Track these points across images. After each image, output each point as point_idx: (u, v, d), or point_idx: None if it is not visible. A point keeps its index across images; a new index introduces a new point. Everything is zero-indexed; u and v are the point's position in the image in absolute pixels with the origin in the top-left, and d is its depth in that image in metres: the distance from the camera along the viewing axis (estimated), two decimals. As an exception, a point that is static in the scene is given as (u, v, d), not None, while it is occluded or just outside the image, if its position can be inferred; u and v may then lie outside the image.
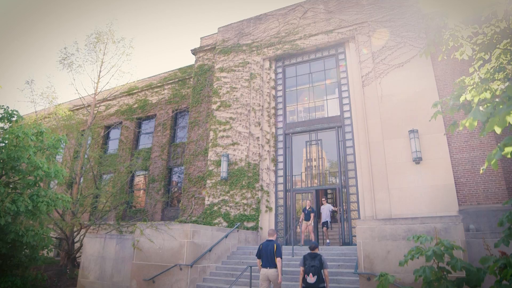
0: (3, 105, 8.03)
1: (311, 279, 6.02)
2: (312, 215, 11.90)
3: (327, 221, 12.48)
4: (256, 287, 8.74)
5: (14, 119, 8.04)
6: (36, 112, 18.46)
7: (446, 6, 4.14)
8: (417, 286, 3.40)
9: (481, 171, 3.64)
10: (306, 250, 9.55)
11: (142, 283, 9.89)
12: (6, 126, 8.10)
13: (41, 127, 8.36)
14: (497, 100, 2.78)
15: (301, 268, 6.29)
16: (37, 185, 7.87)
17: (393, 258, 7.36)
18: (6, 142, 7.36)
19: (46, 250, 9.19)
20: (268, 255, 6.64)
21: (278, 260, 6.56)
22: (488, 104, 2.55)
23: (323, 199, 13.01)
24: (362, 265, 7.57)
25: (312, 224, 11.91)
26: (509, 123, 2.16)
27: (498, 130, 2.17)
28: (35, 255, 8.35)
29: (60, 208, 8.43)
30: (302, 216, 12.18)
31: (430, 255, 2.43)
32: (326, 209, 12.63)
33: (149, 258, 10.09)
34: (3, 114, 7.98)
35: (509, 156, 2.18)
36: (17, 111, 8.06)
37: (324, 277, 6.15)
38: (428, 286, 2.47)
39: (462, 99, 3.27)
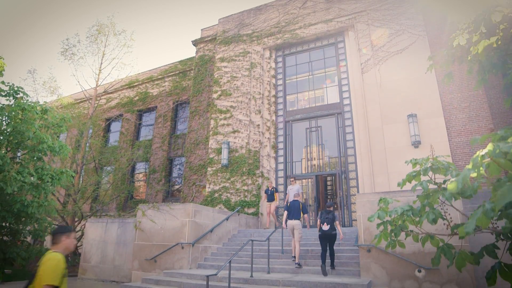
0: (8, 82, 8.16)
1: (325, 227, 7.86)
2: (276, 194, 11.66)
3: None
4: (257, 265, 8.86)
5: (19, 96, 8.15)
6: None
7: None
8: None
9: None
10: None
11: (144, 262, 9.98)
12: (12, 102, 8.20)
13: (46, 105, 8.49)
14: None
15: (319, 220, 8.14)
16: (42, 160, 7.99)
17: (393, 229, 7.47)
18: (12, 114, 7.48)
19: (50, 228, 9.26)
20: (294, 210, 8.57)
21: (305, 216, 8.75)
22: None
23: (291, 179, 11.71)
24: (362, 238, 7.68)
25: (276, 204, 11.81)
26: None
27: (483, 29, 2.30)
28: (39, 232, 8.45)
29: (64, 186, 8.51)
30: (264, 197, 11.86)
31: (427, 169, 2.56)
32: (293, 190, 11.15)
33: (151, 238, 10.18)
34: (8, 91, 8.09)
35: (495, 44, 2.29)
36: (22, 88, 8.17)
37: (336, 227, 7.96)
38: (425, 198, 2.60)
39: (455, 43, 3.39)
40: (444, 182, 2.61)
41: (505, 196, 1.26)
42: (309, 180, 13.32)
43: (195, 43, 17.81)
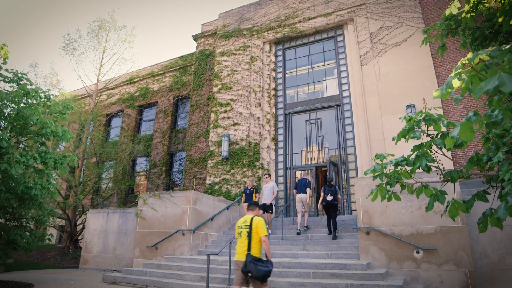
0: (12, 69, 8.27)
1: (329, 197, 9.11)
2: (256, 195, 10.63)
3: (270, 204, 10.17)
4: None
5: (22, 82, 8.25)
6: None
7: None
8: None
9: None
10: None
11: (145, 250, 10.07)
12: (15, 89, 8.30)
13: (48, 92, 8.60)
14: None
15: (322, 193, 9.36)
16: (45, 145, 8.09)
17: (391, 212, 7.58)
18: (16, 100, 7.58)
19: (52, 217, 9.36)
20: (302, 185, 9.98)
21: (308, 189, 9.93)
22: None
23: (265, 176, 10.76)
24: (361, 221, 7.78)
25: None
26: None
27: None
28: (41, 218, 8.54)
29: (66, 174, 8.59)
30: (243, 198, 10.73)
31: (419, 121, 2.66)
32: (268, 188, 10.34)
33: (152, 226, 10.28)
34: (12, 77, 8.20)
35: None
36: (25, 74, 8.27)
37: (337, 198, 9.21)
38: (419, 148, 2.70)
39: (448, 12, 3.50)
40: (437, 135, 2.72)
41: (482, 88, 1.35)
42: (309, 171, 13.41)
43: (196, 38, 17.95)
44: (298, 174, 13.61)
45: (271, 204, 10.18)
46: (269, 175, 10.82)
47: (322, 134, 13.71)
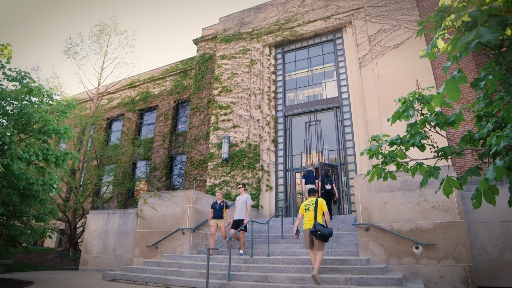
0: (15, 68, 8.39)
1: (328, 186, 10.21)
2: (227, 211, 9.27)
3: (243, 220, 8.76)
4: (257, 249, 8.97)
5: (25, 81, 8.37)
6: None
7: None
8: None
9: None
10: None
11: (145, 249, 10.08)
12: (19, 87, 8.42)
13: (51, 91, 8.71)
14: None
15: (320, 183, 10.44)
16: (47, 142, 8.18)
17: (390, 208, 7.62)
18: (20, 98, 7.68)
19: (53, 216, 9.39)
20: (310, 177, 10.78)
21: (316, 181, 10.79)
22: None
23: (239, 186, 9.46)
24: (361, 217, 7.82)
25: (225, 224, 9.17)
26: None
27: None
28: (42, 216, 8.57)
29: (67, 171, 8.66)
30: (211, 214, 9.19)
31: (412, 101, 2.74)
32: (241, 201, 9.02)
33: (152, 226, 10.30)
34: (15, 76, 8.32)
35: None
36: (29, 73, 8.39)
37: (334, 187, 10.33)
38: (413, 126, 2.77)
39: (441, 2, 3.60)
40: (431, 114, 2.80)
41: (463, 40, 1.43)
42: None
43: (196, 41, 18.16)
44: (298, 175, 13.66)
45: (243, 220, 8.75)
46: (244, 185, 9.47)
47: (322, 135, 13.80)
